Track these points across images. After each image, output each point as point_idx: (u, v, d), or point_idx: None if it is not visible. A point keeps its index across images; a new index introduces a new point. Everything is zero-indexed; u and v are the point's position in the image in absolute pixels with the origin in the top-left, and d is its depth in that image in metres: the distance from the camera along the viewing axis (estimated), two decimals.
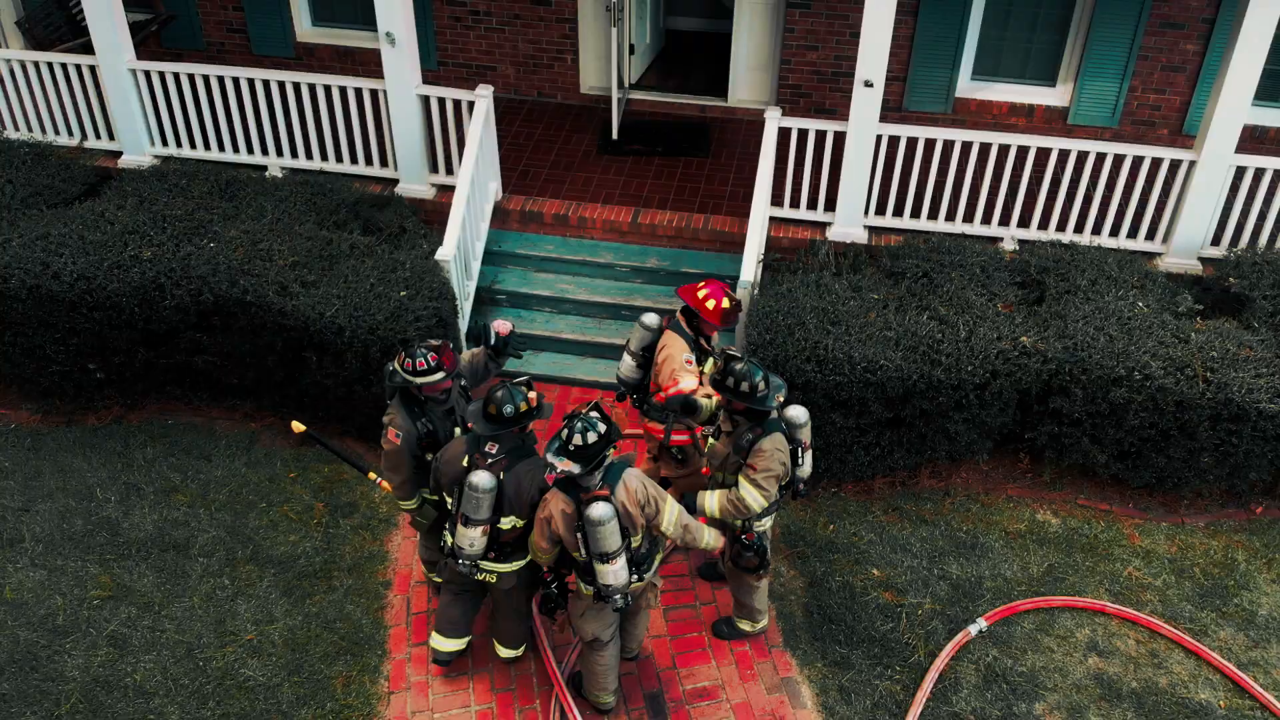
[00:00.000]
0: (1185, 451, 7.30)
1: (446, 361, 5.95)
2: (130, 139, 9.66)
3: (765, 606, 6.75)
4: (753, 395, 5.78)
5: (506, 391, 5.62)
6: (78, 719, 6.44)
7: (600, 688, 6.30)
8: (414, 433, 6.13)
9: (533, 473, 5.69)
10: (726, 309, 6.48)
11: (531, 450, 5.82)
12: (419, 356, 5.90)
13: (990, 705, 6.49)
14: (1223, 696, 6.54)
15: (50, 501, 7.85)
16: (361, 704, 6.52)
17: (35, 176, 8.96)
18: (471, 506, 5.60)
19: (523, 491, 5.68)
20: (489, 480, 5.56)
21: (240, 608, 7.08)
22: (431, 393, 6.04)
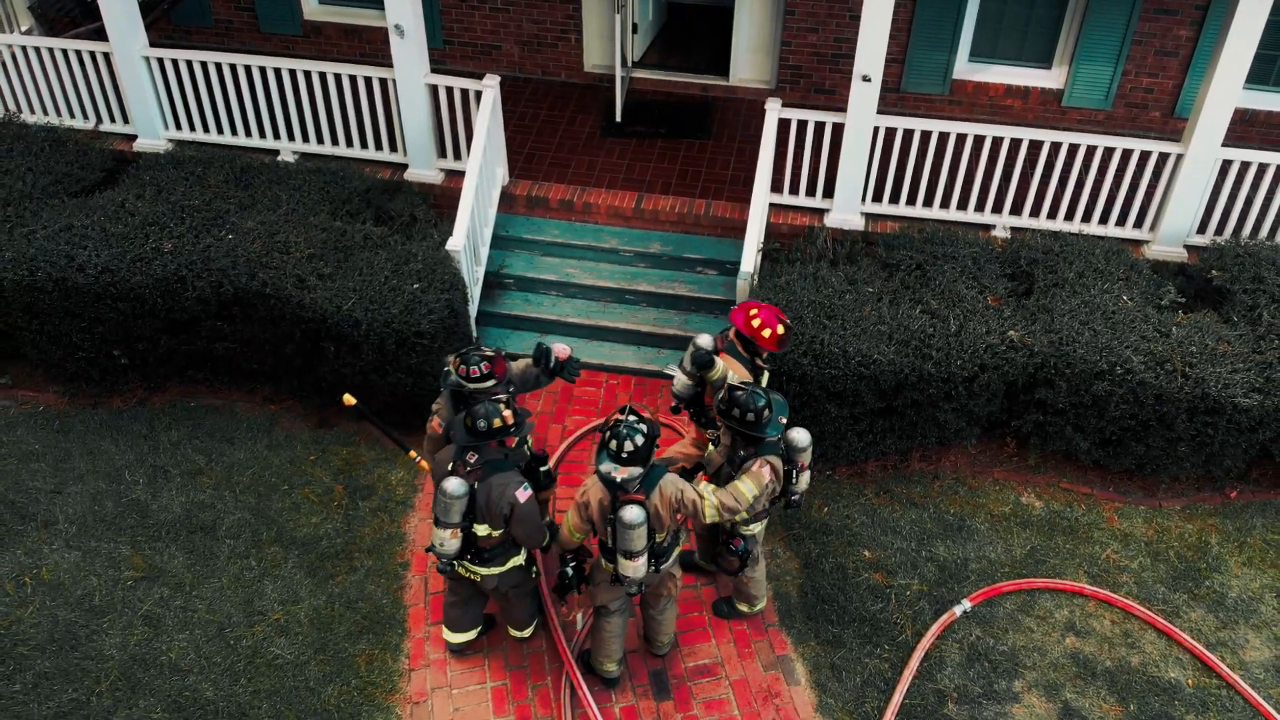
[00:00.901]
0: (1163, 441, 7.67)
1: (498, 371, 6.36)
2: (145, 123, 9.88)
3: (762, 591, 7.17)
4: (757, 424, 6.17)
5: (485, 407, 5.94)
6: (117, 695, 6.89)
7: (605, 655, 6.74)
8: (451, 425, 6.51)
9: (504, 486, 5.98)
10: (782, 335, 6.73)
11: (509, 465, 6.09)
12: (474, 364, 6.28)
13: (972, 683, 6.94)
14: (1191, 675, 6.99)
15: (81, 483, 8.23)
16: (384, 680, 6.96)
17: (54, 164, 9.19)
18: (441, 509, 5.97)
19: (492, 503, 5.99)
20: (458, 487, 5.90)
21: (267, 588, 7.50)
22: (481, 397, 6.36)
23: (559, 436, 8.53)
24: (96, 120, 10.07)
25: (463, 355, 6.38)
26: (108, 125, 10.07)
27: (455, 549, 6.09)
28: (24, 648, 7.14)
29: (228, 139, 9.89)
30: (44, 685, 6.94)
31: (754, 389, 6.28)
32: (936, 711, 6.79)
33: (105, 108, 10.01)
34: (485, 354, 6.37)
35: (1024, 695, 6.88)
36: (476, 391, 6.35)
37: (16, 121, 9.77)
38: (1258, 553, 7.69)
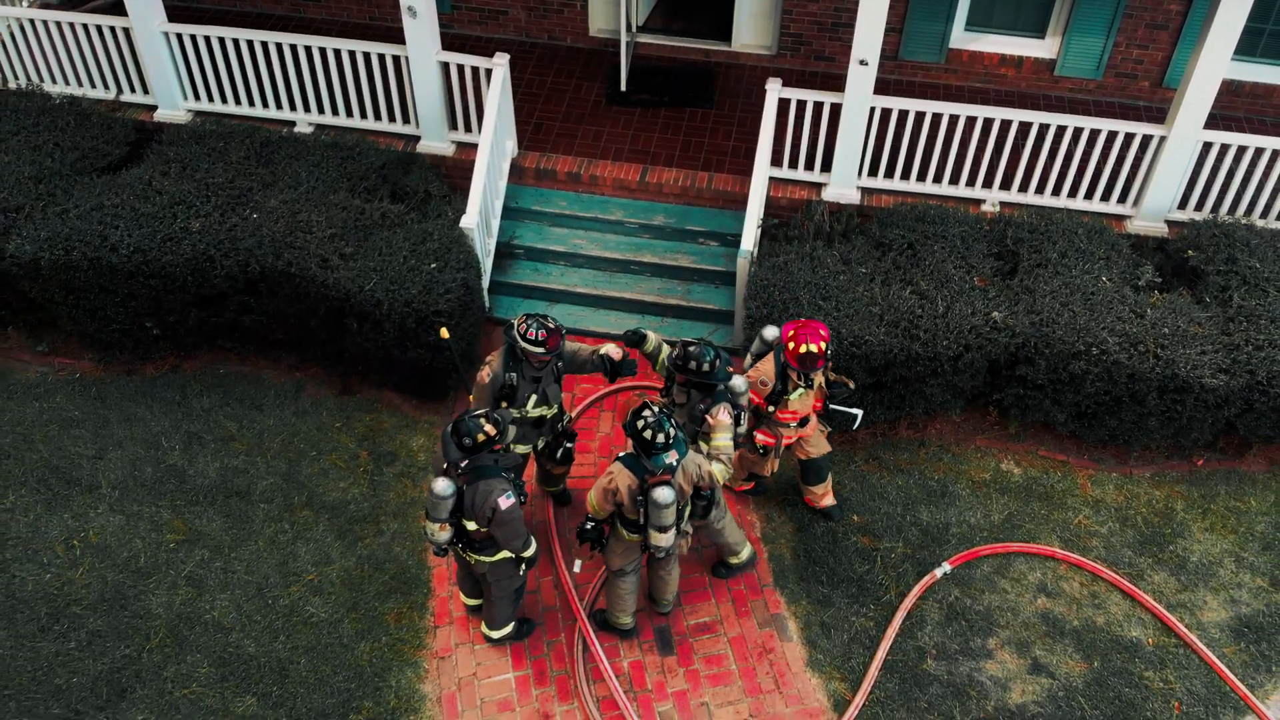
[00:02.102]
0: (1135, 415, 8.20)
1: (551, 343, 6.91)
2: (164, 94, 10.19)
3: (741, 538, 7.76)
4: (711, 373, 6.95)
5: (468, 424, 6.41)
6: (167, 651, 7.53)
7: (621, 609, 7.40)
8: (500, 380, 7.15)
9: (489, 493, 6.47)
10: (802, 354, 7.11)
11: (497, 472, 6.55)
12: (533, 328, 6.88)
13: (950, 640, 7.58)
14: (1151, 635, 7.63)
15: (120, 449, 8.77)
16: (412, 637, 7.60)
17: (80, 139, 9.55)
18: (431, 505, 6.51)
19: (477, 505, 6.50)
20: (445, 487, 6.43)
21: (300, 550, 8.10)
22: (529, 358, 6.97)
23: (569, 404, 9.05)
24: (117, 91, 10.38)
25: (530, 317, 6.96)
26: (128, 96, 10.38)
27: (445, 539, 6.65)
28: (76, 607, 7.76)
29: (245, 110, 10.22)
30: (97, 643, 7.58)
31: (705, 343, 7.01)
32: (916, 667, 7.44)
33: (125, 79, 10.31)
34: (548, 325, 6.94)
35: (997, 652, 7.53)
36: (528, 352, 6.94)
37: (40, 92, 10.10)
38: (1219, 519, 8.28)
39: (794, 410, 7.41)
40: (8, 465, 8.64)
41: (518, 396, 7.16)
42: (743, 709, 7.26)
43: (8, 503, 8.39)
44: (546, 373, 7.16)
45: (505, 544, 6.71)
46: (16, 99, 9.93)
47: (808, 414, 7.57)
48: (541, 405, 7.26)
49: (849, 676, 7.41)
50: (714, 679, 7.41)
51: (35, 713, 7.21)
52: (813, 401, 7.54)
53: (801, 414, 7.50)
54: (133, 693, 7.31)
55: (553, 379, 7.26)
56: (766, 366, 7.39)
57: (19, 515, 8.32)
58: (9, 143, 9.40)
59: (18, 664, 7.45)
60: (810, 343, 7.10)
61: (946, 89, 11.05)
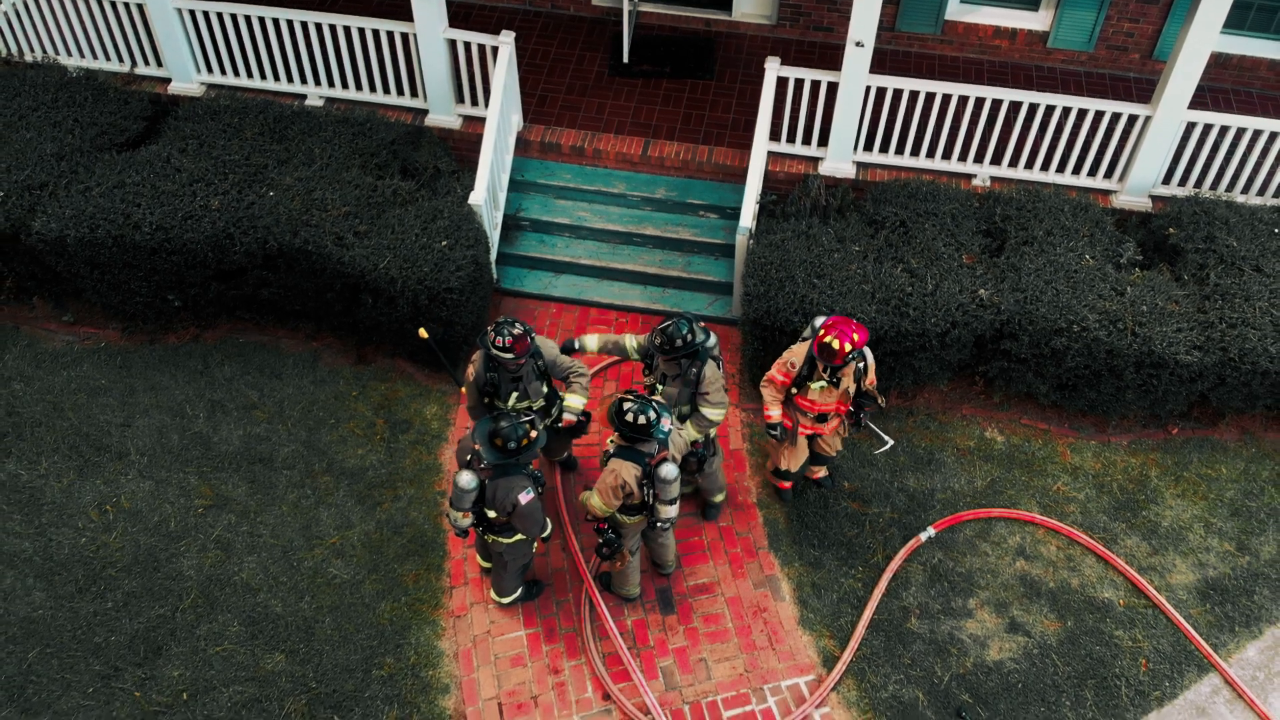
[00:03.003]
0: (1113, 388, 8.62)
1: (518, 349, 7.29)
2: (178, 68, 10.44)
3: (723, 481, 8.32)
4: (693, 343, 7.42)
5: (511, 428, 6.78)
6: (199, 611, 8.04)
7: (629, 583, 7.92)
8: (482, 378, 7.61)
9: (510, 489, 6.90)
10: (824, 343, 7.32)
11: (519, 470, 6.95)
12: (502, 336, 7.25)
13: (933, 600, 8.09)
14: (1122, 596, 8.13)
15: (147, 417, 9.20)
16: (429, 597, 8.11)
17: (98, 114, 9.83)
18: (456, 497, 6.95)
19: (499, 499, 6.93)
20: (470, 481, 6.87)
21: (323, 515, 8.57)
22: (502, 363, 7.38)
23: None
24: (131, 64, 10.62)
25: (497, 324, 7.31)
26: (142, 69, 10.63)
27: (467, 525, 7.11)
28: (111, 570, 8.25)
29: (258, 84, 10.48)
30: (133, 603, 8.08)
31: (679, 320, 7.45)
32: (901, 625, 7.96)
33: (139, 51, 10.55)
34: (514, 331, 7.27)
35: (977, 611, 8.04)
36: (498, 358, 7.31)
37: (55, 65, 10.35)
38: (1191, 486, 8.74)
39: (812, 400, 7.68)
40: (40, 433, 9.07)
41: (500, 394, 7.60)
42: (738, 664, 7.78)
43: (41, 469, 8.84)
44: (526, 372, 7.55)
45: (524, 532, 7.18)
46: (34, 73, 10.19)
47: (828, 411, 7.80)
48: (523, 400, 7.68)
49: (838, 634, 7.92)
50: (712, 636, 7.93)
51: (76, 669, 7.73)
52: (835, 403, 7.74)
53: (820, 408, 7.72)
54: (168, 650, 7.83)
55: (534, 377, 7.63)
56: (800, 349, 7.68)
57: (53, 481, 8.78)
58: (29, 119, 9.69)
59: (58, 623, 7.96)
60: (836, 338, 7.27)
61: (942, 60, 11.28)
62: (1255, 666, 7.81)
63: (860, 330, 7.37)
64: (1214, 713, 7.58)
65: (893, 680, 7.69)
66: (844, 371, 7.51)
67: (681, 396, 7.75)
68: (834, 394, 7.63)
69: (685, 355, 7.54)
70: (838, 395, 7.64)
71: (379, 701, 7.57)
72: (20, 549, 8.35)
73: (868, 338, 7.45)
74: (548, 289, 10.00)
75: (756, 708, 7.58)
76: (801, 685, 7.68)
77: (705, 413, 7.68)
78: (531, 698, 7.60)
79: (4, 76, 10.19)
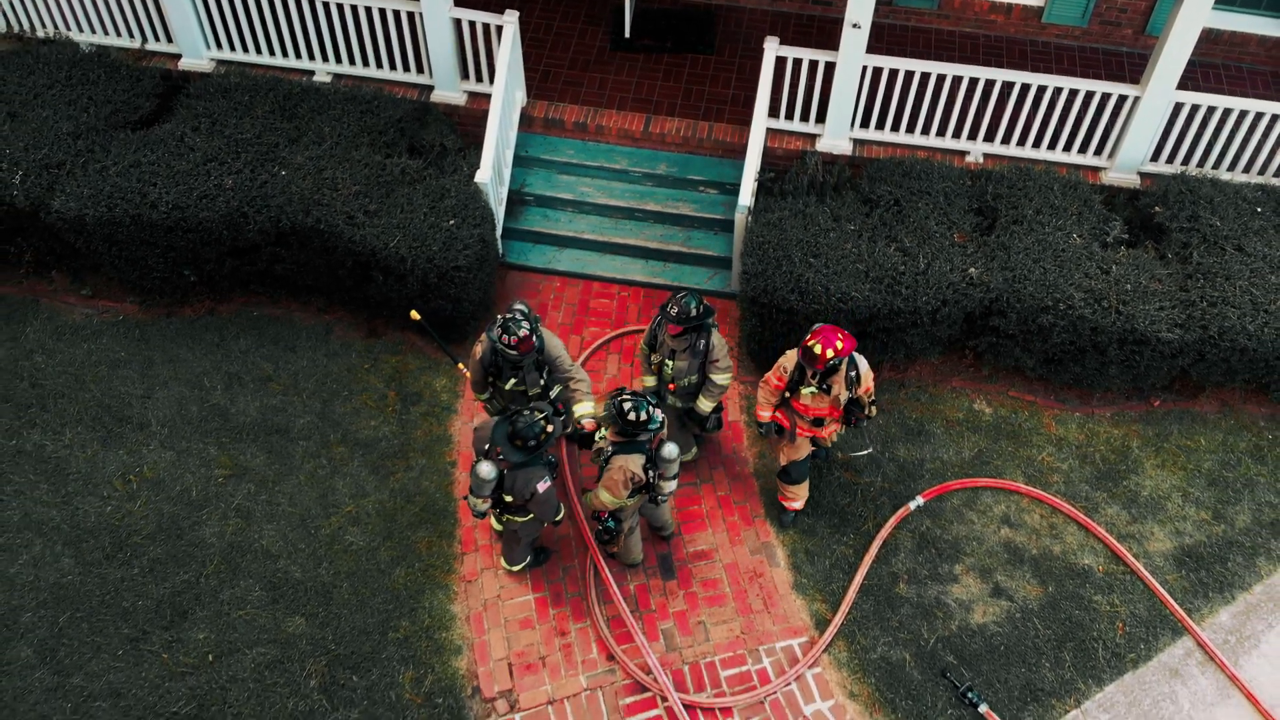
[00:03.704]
0: (1097, 363, 8.95)
1: (523, 348, 7.62)
2: (188, 44, 10.63)
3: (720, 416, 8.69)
4: (704, 315, 7.82)
5: (527, 427, 7.15)
6: (221, 577, 8.44)
7: (633, 554, 8.34)
8: (487, 359, 7.98)
9: (528, 479, 7.29)
10: (806, 347, 7.58)
11: (535, 461, 7.32)
12: (509, 334, 7.58)
13: (920, 566, 8.49)
14: (1102, 563, 8.53)
15: (166, 389, 9.54)
16: (442, 563, 8.51)
17: (111, 92, 10.03)
18: (476, 485, 7.32)
19: (518, 488, 7.31)
20: (489, 471, 7.23)
21: (338, 484, 8.94)
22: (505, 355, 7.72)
23: (578, 347, 9.78)
24: (142, 40, 10.81)
25: (505, 321, 7.62)
26: (153, 45, 10.82)
27: (486, 509, 7.49)
28: (137, 537, 8.63)
29: (266, 60, 10.67)
30: (158, 569, 8.48)
31: (687, 295, 7.87)
32: (890, 590, 8.37)
33: (150, 27, 10.73)
34: (520, 333, 7.59)
35: (962, 577, 8.45)
36: (502, 352, 7.68)
37: (67, 41, 10.54)
38: (1170, 456, 9.11)
39: (805, 405, 7.93)
40: (63, 404, 9.41)
41: (502, 376, 7.99)
42: (735, 627, 8.21)
43: (66, 439, 9.20)
44: (526, 364, 7.88)
45: (540, 516, 7.57)
46: (47, 50, 10.38)
47: (822, 416, 7.98)
48: (520, 386, 8.02)
49: (830, 598, 8.34)
50: (710, 600, 8.34)
51: (106, 632, 8.14)
52: (828, 408, 7.92)
53: (813, 412, 7.94)
54: (193, 614, 8.24)
55: (533, 369, 7.96)
56: (793, 354, 7.94)
57: (77, 451, 9.13)
58: (44, 97, 9.91)
59: (87, 589, 8.36)
60: (819, 343, 7.51)
61: (938, 34, 11.47)
62: (1227, 630, 8.23)
63: (847, 339, 7.58)
64: (1186, 674, 8.02)
65: (881, 642, 8.12)
66: (834, 379, 7.76)
67: (691, 368, 8.12)
68: (825, 400, 7.87)
69: (693, 329, 7.91)
70: (829, 401, 7.89)
71: (395, 662, 8.00)
72: (49, 517, 8.73)
73: (854, 346, 7.65)
74: (552, 263, 10.29)
75: (752, 668, 8.02)
76: (795, 647, 8.11)
77: (714, 379, 8.13)
78: (540, 658, 8.03)
79: (17, 53, 10.39)
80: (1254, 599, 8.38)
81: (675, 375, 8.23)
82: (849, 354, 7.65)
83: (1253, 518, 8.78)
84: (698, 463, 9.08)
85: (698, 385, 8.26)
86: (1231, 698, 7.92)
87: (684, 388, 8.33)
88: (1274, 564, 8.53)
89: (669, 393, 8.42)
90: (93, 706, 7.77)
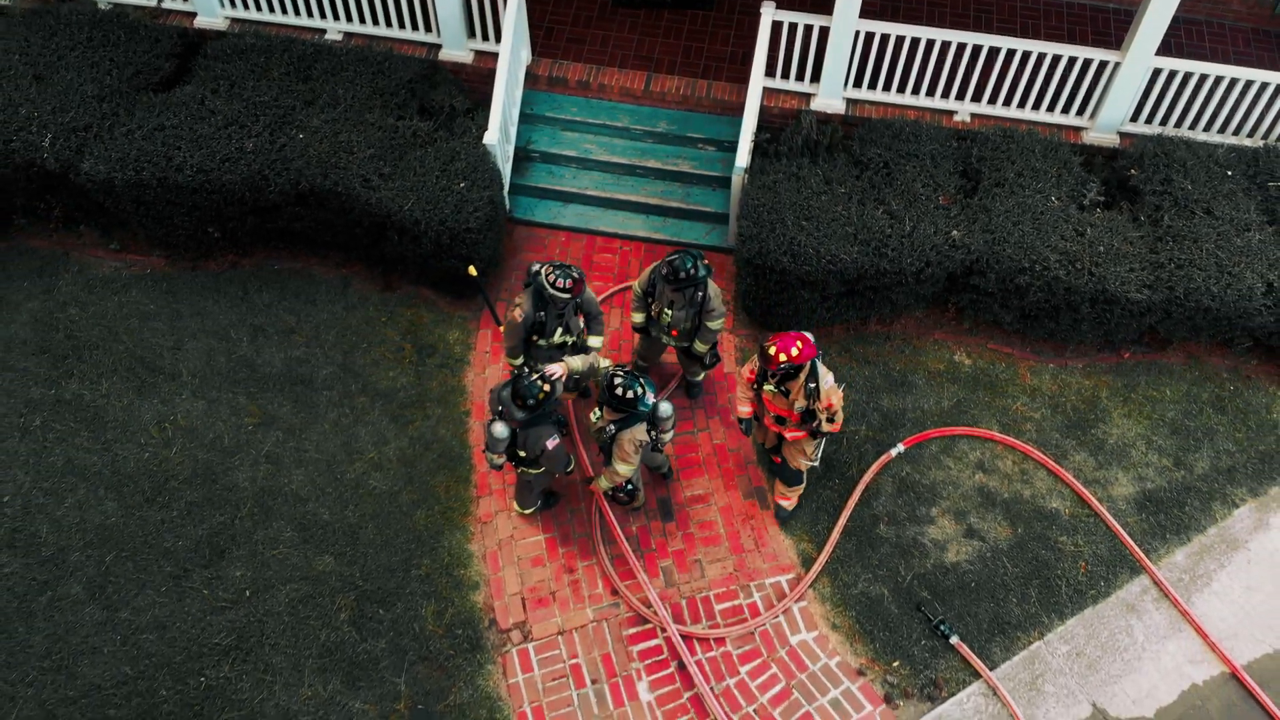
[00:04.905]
0: (1070, 320, 9.53)
1: (576, 290, 8.24)
2: (203, 2, 10.96)
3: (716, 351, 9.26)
4: (696, 275, 8.38)
5: (527, 387, 7.74)
6: (255, 519, 9.13)
7: (635, 499, 9.01)
8: (530, 318, 8.50)
9: (539, 437, 7.91)
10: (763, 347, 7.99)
11: (543, 419, 7.93)
12: (561, 279, 8.17)
13: (900, 509, 9.19)
14: (1069, 506, 9.21)
15: (195, 341, 10.12)
16: (459, 506, 9.20)
17: (132, 54, 10.42)
18: (491, 443, 7.96)
19: (529, 444, 7.95)
20: (503, 430, 7.87)
21: (361, 432, 9.58)
22: (554, 301, 8.30)
23: None
24: None
25: (557, 267, 8.21)
26: (169, 3, 11.14)
27: (502, 463, 8.15)
28: (174, 482, 9.30)
29: (279, 18, 11.03)
30: (195, 512, 9.16)
31: (684, 254, 8.44)
32: (871, 531, 9.08)
33: None
34: (573, 275, 8.19)
35: (938, 519, 9.15)
36: (554, 297, 8.23)
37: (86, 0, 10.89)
38: (1137, 406, 9.74)
39: (766, 398, 8.34)
40: (98, 355, 10.01)
41: (546, 330, 8.50)
42: (728, 565, 8.93)
43: (103, 389, 9.81)
44: (568, 309, 8.46)
45: (550, 469, 8.22)
46: (67, 9, 10.73)
47: (782, 415, 8.37)
48: (565, 335, 8.60)
49: (815, 539, 9.05)
50: (706, 540, 9.06)
51: (149, 570, 8.85)
52: (787, 411, 8.27)
53: (773, 408, 8.39)
54: (230, 553, 8.95)
55: (573, 313, 8.59)
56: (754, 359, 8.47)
57: (114, 400, 9.76)
58: (68, 59, 10.30)
59: (129, 530, 9.05)
60: (773, 345, 7.90)
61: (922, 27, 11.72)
62: (1182, 570, 8.95)
63: (806, 347, 7.89)
64: (1142, 609, 8.76)
65: (862, 579, 8.86)
66: (793, 384, 8.10)
67: (688, 316, 8.74)
68: (784, 402, 8.24)
69: (689, 285, 8.49)
70: (786, 405, 8.24)
71: (418, 597, 8.74)
72: (90, 463, 9.39)
73: (812, 354, 7.94)
74: (556, 219, 10.79)
75: (744, 602, 8.77)
76: (783, 583, 8.85)
77: (709, 324, 8.74)
78: (550, 593, 8.77)
79: (38, 13, 10.74)
80: (1208, 540, 9.09)
81: (674, 323, 8.84)
82: (806, 361, 7.93)
83: (1211, 465, 9.44)
84: (694, 412, 9.72)
85: (694, 329, 8.86)
86: (1183, 631, 8.67)
87: (682, 332, 8.92)
88: (1229, 508, 9.23)
89: (670, 337, 9.03)
90: (140, 638, 8.52)
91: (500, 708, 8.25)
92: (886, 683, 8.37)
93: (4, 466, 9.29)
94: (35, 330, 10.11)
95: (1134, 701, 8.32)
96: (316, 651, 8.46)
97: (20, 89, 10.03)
